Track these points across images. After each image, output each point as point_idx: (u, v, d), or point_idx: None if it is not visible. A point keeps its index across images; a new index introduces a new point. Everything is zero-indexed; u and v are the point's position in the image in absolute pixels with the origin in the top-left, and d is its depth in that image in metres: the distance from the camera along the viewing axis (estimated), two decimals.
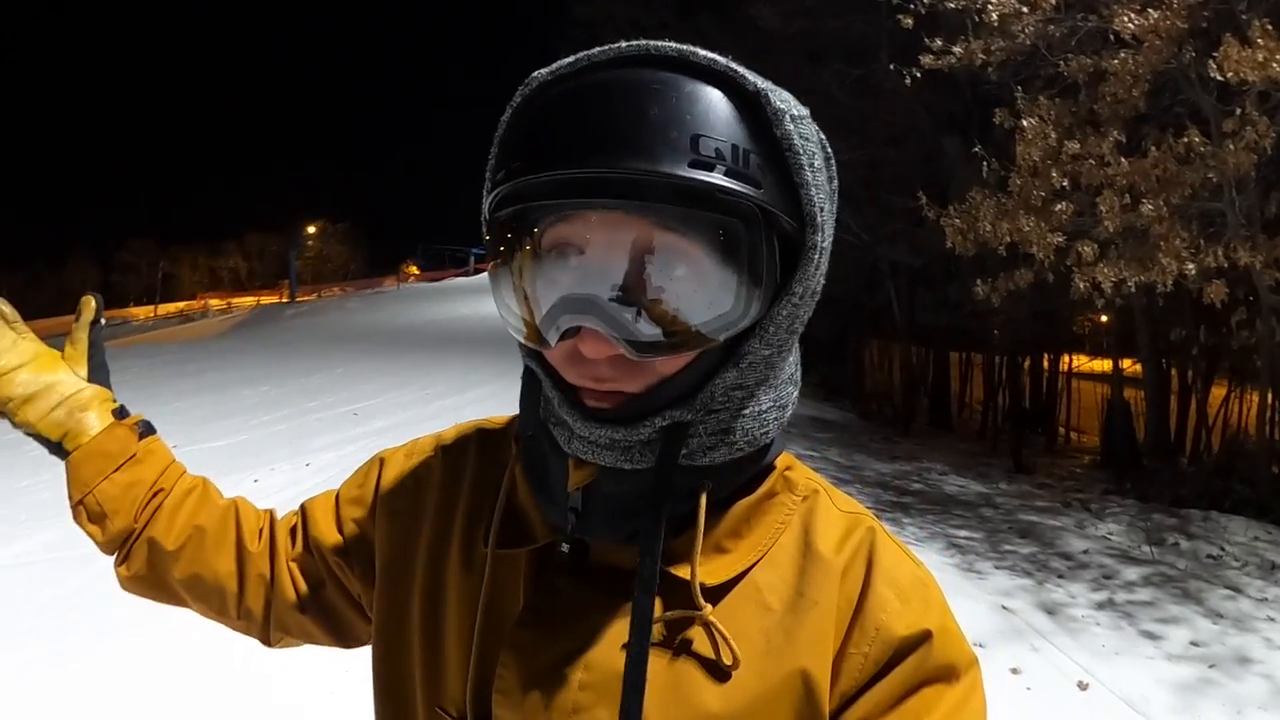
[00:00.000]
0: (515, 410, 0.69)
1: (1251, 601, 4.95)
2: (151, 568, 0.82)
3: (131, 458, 0.82)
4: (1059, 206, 6.59)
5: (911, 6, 7.12)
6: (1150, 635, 4.40)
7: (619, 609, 0.62)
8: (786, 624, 0.61)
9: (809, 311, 0.61)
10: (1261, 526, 6.53)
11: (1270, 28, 5.25)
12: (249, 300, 48.12)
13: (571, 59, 0.56)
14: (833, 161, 0.60)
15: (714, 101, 0.53)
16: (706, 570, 0.61)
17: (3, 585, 4.18)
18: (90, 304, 0.84)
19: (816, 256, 0.58)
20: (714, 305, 0.54)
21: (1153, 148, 6.19)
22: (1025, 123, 6.65)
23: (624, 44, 0.55)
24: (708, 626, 0.59)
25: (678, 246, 0.53)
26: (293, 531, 0.85)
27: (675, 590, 0.60)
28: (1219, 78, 5.49)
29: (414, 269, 56.09)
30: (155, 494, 0.83)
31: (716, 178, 0.51)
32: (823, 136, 0.59)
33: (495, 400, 9.92)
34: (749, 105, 0.54)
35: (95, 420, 0.80)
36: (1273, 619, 4.67)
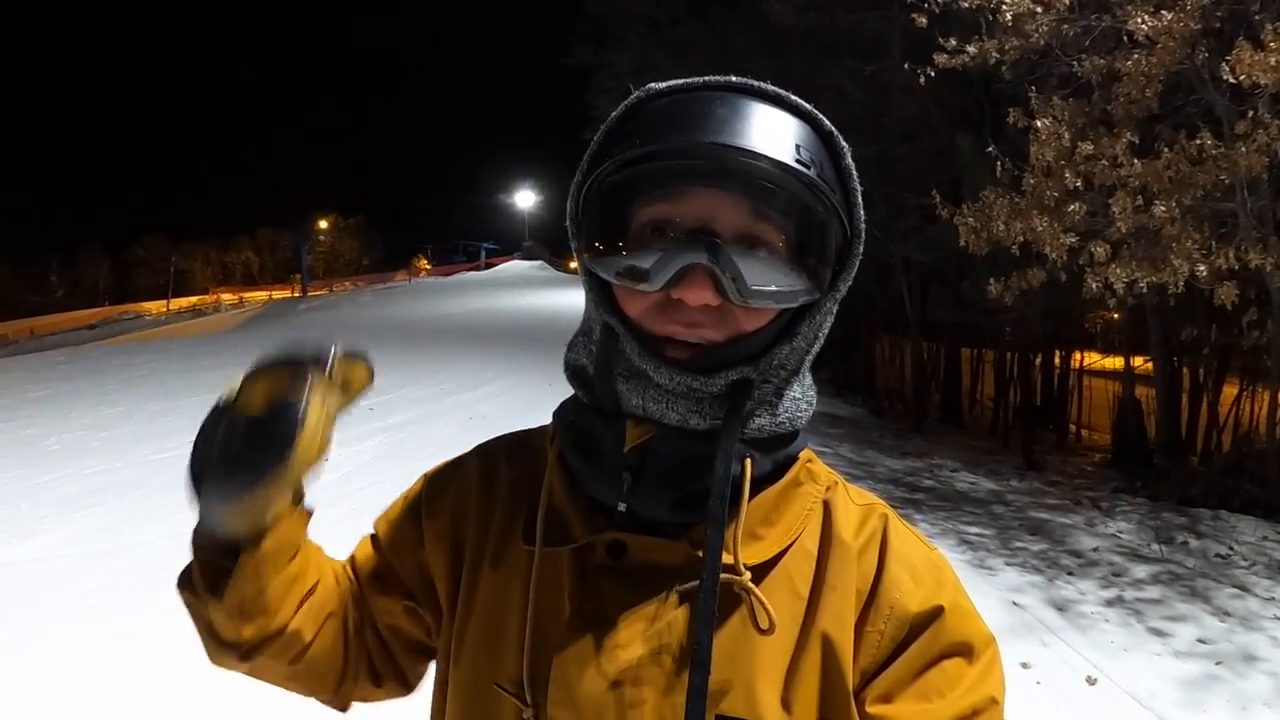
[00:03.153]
0: (528, 404, 0.76)
1: (1259, 600, 4.99)
2: (275, 658, 0.76)
3: (300, 548, 0.75)
4: (1072, 207, 6.61)
5: (925, 5, 7.14)
6: (1158, 632, 4.45)
7: (661, 606, 0.67)
8: (812, 606, 0.68)
9: (831, 321, 0.71)
10: (1270, 526, 6.55)
11: None
12: (261, 295, 48.24)
13: (686, 80, 0.68)
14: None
15: (804, 128, 0.67)
16: (746, 554, 0.67)
17: (26, 580, 4.23)
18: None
19: (856, 264, 0.70)
20: (800, 273, 0.65)
21: (1165, 149, 6.20)
22: (1039, 123, 6.67)
23: (733, 77, 0.68)
24: (747, 593, 0.65)
25: (779, 219, 0.64)
26: (356, 600, 0.84)
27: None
28: (1231, 80, 5.51)
29: (425, 263, 56.21)
30: (312, 588, 0.77)
31: (813, 175, 0.63)
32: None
33: (509, 395, 9.98)
34: (824, 140, 0.68)
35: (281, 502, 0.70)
36: (1279, 618, 4.71)
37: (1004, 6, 6.59)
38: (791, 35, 14.22)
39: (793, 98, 0.67)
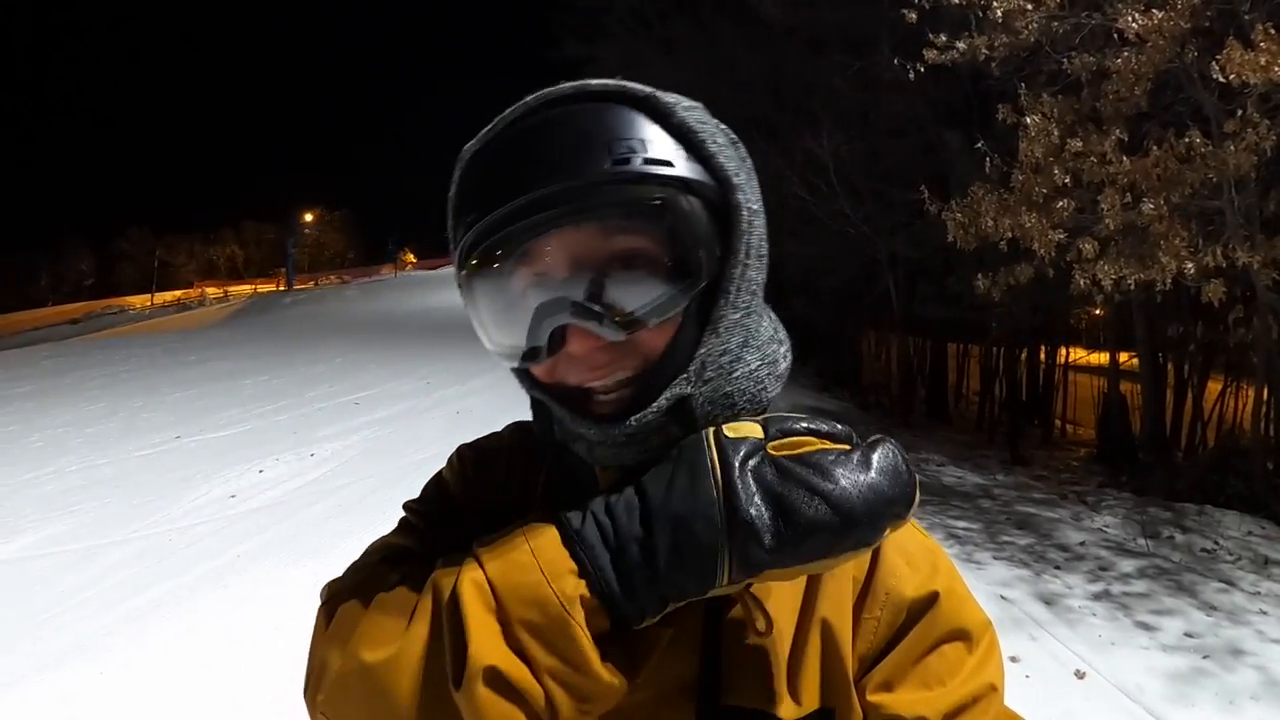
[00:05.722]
0: (514, 400, 0.73)
1: (1245, 595, 5.03)
2: None
3: None
4: (1060, 203, 6.62)
5: (915, 1, 7.13)
6: (1145, 626, 4.48)
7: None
8: (810, 593, 0.68)
9: (762, 272, 0.67)
10: (1255, 521, 6.61)
11: (1273, 30, 5.28)
12: (246, 289, 47.92)
13: (490, 125, 0.64)
14: (739, 143, 0.67)
15: (617, 112, 0.62)
16: None
17: (9, 579, 4.20)
18: None
19: (746, 215, 0.64)
20: (671, 271, 0.60)
21: (1154, 147, 6.22)
22: (1028, 120, 6.67)
23: (529, 98, 0.63)
24: (743, 597, 0.63)
25: (624, 231, 0.60)
26: None
27: None
28: (1221, 79, 5.53)
29: (411, 257, 55.94)
30: None
31: (635, 167, 0.59)
32: (720, 124, 0.67)
33: (495, 391, 9.94)
34: (645, 108, 0.63)
35: None
36: (1265, 612, 4.74)
37: (994, 3, 6.57)
38: (780, 30, 14.20)
39: (591, 83, 0.63)
